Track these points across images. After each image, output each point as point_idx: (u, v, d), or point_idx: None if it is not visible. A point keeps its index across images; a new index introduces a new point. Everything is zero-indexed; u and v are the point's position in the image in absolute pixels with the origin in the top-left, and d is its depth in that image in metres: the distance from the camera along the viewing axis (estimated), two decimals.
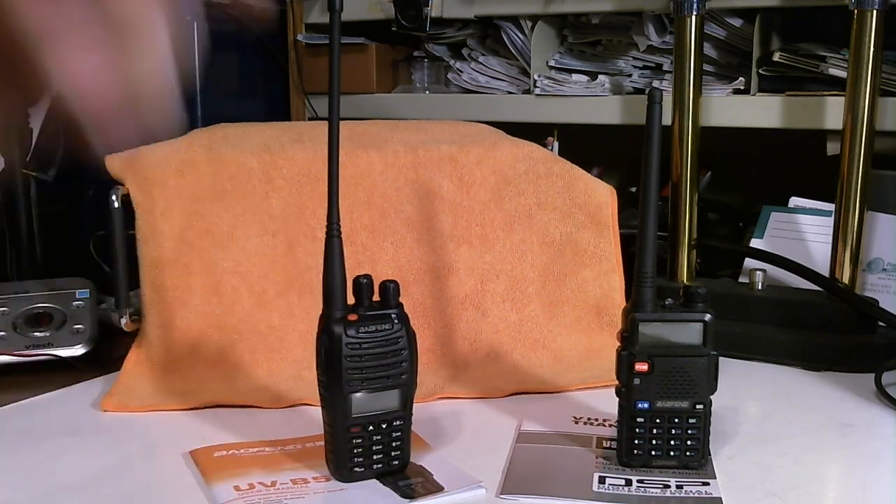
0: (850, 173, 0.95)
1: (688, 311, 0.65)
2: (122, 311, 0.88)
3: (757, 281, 0.99)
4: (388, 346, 0.63)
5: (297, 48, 1.42)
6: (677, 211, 1.03)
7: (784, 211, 1.12)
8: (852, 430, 0.76)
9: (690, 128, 1.01)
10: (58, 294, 0.95)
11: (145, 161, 0.88)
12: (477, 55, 1.35)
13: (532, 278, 0.93)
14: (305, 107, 1.43)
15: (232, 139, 0.92)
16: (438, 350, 0.89)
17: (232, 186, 0.89)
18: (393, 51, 1.42)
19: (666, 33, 1.20)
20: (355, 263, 0.76)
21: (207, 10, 1.32)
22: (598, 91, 1.24)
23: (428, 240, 0.91)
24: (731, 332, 0.93)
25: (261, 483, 0.64)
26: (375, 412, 0.63)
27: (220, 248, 0.88)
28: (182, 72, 0.38)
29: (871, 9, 0.91)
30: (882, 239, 1.04)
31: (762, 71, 1.13)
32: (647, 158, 0.65)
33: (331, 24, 0.62)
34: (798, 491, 0.64)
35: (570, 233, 0.94)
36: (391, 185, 0.91)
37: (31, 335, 0.91)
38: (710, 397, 0.66)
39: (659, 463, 0.67)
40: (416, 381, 0.65)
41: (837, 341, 0.92)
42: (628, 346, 0.65)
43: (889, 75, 1.04)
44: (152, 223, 0.87)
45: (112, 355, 0.91)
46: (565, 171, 0.95)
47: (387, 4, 1.32)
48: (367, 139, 0.94)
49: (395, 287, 0.64)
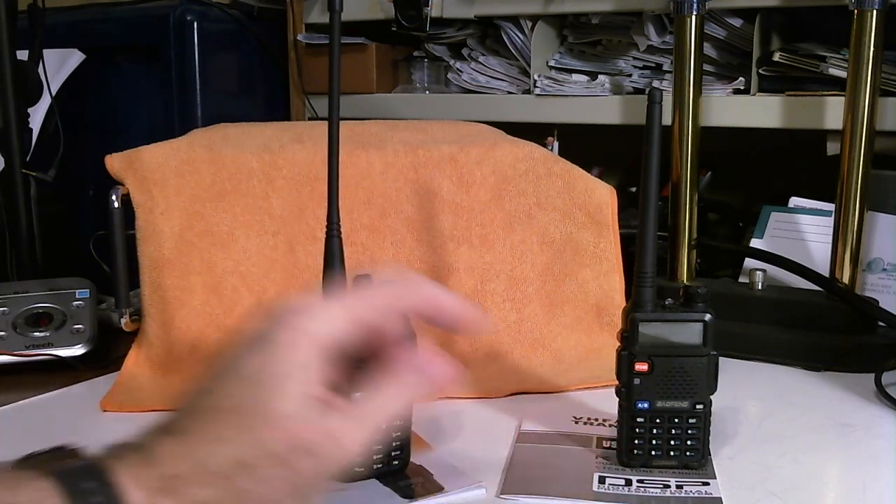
0: (850, 173, 0.95)
1: (688, 311, 0.65)
2: (122, 311, 0.88)
3: (757, 281, 0.99)
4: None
5: (297, 48, 1.42)
6: (677, 211, 1.03)
7: (784, 211, 1.12)
8: (852, 430, 0.76)
9: (690, 128, 1.01)
10: (58, 294, 0.95)
11: (145, 161, 0.88)
12: (477, 55, 1.35)
13: (532, 278, 0.93)
14: (305, 107, 1.43)
15: (232, 139, 0.92)
16: (438, 350, 0.89)
17: (232, 186, 0.89)
18: (393, 51, 1.42)
19: (666, 33, 1.20)
20: (355, 263, 0.76)
21: (207, 9, 1.32)
22: (598, 91, 1.24)
23: (428, 240, 0.91)
24: (731, 332, 0.93)
25: None
26: None
27: (220, 248, 0.88)
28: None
29: (871, 9, 0.91)
30: (882, 239, 1.04)
31: (762, 71, 1.13)
32: (647, 158, 0.65)
33: (331, 24, 0.62)
34: (798, 491, 0.64)
35: (570, 233, 0.94)
36: (391, 185, 0.91)
37: (31, 335, 0.91)
38: (710, 397, 0.66)
39: (659, 463, 0.67)
40: None
41: (837, 341, 0.92)
42: (628, 346, 0.65)
43: (889, 75, 1.04)
44: (152, 223, 0.87)
45: (112, 355, 0.92)
46: (565, 171, 0.95)
47: (387, 4, 1.32)
48: (367, 139, 0.94)
49: None
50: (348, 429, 0.44)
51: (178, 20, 1.29)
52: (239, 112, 1.35)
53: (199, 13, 1.30)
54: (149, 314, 0.87)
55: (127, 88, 1.38)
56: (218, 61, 1.34)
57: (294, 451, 0.42)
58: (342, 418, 0.44)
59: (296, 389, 0.42)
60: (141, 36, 1.35)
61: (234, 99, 1.40)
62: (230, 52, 1.38)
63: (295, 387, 0.42)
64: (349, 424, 0.44)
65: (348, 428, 0.44)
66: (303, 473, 0.42)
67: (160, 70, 1.31)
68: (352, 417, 0.44)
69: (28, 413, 0.81)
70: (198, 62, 1.30)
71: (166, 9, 1.30)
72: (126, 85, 1.38)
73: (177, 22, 1.29)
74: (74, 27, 1.38)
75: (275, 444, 0.41)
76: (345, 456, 0.43)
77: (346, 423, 0.44)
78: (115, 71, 1.38)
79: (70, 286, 0.96)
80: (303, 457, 0.42)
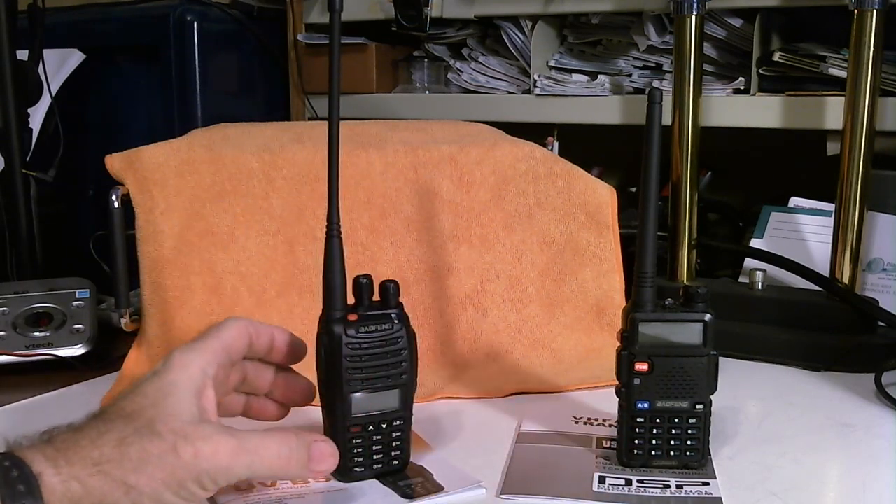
0: (850, 173, 0.95)
1: (688, 311, 0.65)
2: (122, 311, 0.88)
3: (757, 281, 0.99)
4: (388, 346, 0.63)
5: (297, 48, 1.42)
6: (677, 211, 1.03)
7: (784, 211, 1.12)
8: (852, 430, 0.76)
9: (690, 128, 1.01)
10: (58, 294, 0.95)
11: (145, 161, 0.88)
12: (477, 55, 1.35)
13: (532, 278, 0.93)
14: (305, 107, 1.43)
15: (232, 139, 0.92)
16: (438, 350, 0.89)
17: (232, 186, 0.89)
18: (393, 51, 1.42)
19: (666, 33, 1.20)
20: (355, 263, 0.76)
21: (207, 9, 1.32)
22: (598, 91, 1.24)
23: (428, 240, 0.91)
24: (731, 332, 0.93)
25: (261, 483, 0.64)
26: (375, 412, 0.63)
27: (220, 248, 0.88)
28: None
29: (871, 9, 0.91)
30: (882, 239, 1.04)
31: (762, 71, 1.13)
32: (647, 158, 0.65)
33: (331, 24, 0.62)
34: (798, 491, 0.64)
35: (570, 233, 0.94)
36: (391, 185, 0.91)
37: (31, 335, 0.91)
38: (710, 397, 0.66)
39: (659, 463, 0.67)
40: (416, 381, 0.65)
41: (837, 341, 0.92)
42: (628, 346, 0.65)
43: (889, 75, 1.04)
44: (152, 223, 0.87)
45: (112, 355, 0.92)
46: (565, 170, 0.95)
47: (387, 4, 1.32)
48: (367, 139, 0.94)
49: (395, 287, 0.64)
50: (221, 438, 0.53)
51: (178, 20, 1.29)
52: (239, 112, 1.35)
53: (199, 13, 1.30)
54: (149, 314, 0.87)
55: (127, 88, 1.38)
56: (218, 61, 1.34)
57: (173, 435, 0.51)
58: (218, 428, 0.54)
59: (181, 400, 0.54)
60: (141, 36, 1.35)
61: (234, 99, 1.40)
62: (230, 52, 1.38)
63: (180, 398, 0.54)
64: (223, 435, 0.53)
65: (222, 438, 0.53)
66: (182, 459, 0.51)
67: (160, 70, 1.31)
68: (226, 430, 0.54)
69: (28, 413, 0.81)
70: (198, 62, 1.30)
71: (166, 9, 1.30)
72: (126, 85, 1.38)
73: (177, 22, 1.29)
74: (74, 27, 1.38)
75: (156, 427, 0.52)
76: (217, 460, 0.52)
77: (220, 434, 0.53)
78: (115, 71, 1.38)
79: (70, 286, 0.96)
80: (182, 444, 0.51)
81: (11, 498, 0.47)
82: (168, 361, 0.56)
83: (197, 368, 0.56)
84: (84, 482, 0.49)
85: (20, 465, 0.49)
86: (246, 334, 0.61)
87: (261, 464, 0.54)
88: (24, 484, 0.48)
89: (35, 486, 0.48)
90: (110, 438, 0.51)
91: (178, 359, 0.56)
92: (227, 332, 0.60)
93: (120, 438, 0.51)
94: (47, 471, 0.49)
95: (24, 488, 0.48)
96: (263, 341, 0.63)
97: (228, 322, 0.61)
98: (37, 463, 0.49)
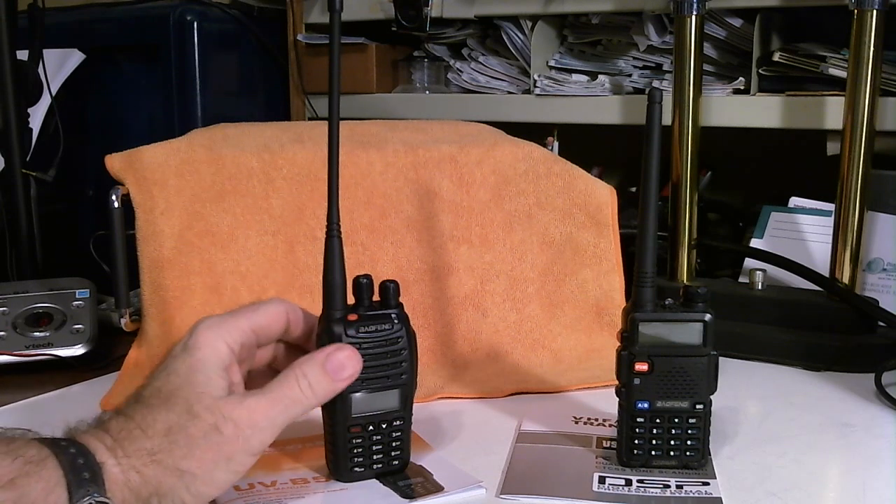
0: (850, 173, 0.95)
1: (688, 311, 0.65)
2: (122, 311, 0.88)
3: (757, 281, 0.99)
4: (388, 346, 0.63)
5: (297, 48, 1.42)
6: (677, 211, 1.03)
7: (784, 211, 1.12)
8: (852, 430, 0.76)
9: (690, 128, 1.01)
10: (58, 294, 0.95)
11: (145, 161, 0.88)
12: (477, 55, 1.35)
13: (532, 278, 0.93)
14: (305, 107, 1.43)
15: (232, 139, 0.92)
16: (438, 350, 0.89)
17: (232, 186, 0.89)
18: (393, 51, 1.42)
19: (666, 33, 1.20)
20: (355, 263, 0.76)
21: (207, 9, 1.32)
22: (598, 91, 1.24)
23: (428, 240, 0.91)
24: (731, 332, 0.93)
25: (261, 483, 0.64)
26: (375, 412, 0.63)
27: (220, 248, 0.88)
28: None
29: (871, 9, 0.91)
30: (882, 239, 1.04)
31: (762, 71, 1.13)
32: (647, 158, 0.65)
33: (331, 24, 0.62)
34: (798, 491, 0.64)
35: (570, 233, 0.94)
36: (391, 185, 0.91)
37: (31, 335, 0.91)
38: (710, 397, 0.66)
39: (659, 463, 0.67)
40: (416, 381, 0.65)
41: (837, 341, 0.92)
42: (628, 345, 0.65)
43: (889, 75, 1.04)
44: (152, 223, 0.87)
45: (112, 355, 0.92)
46: (565, 171, 0.95)
47: (387, 4, 1.32)
48: (367, 139, 0.94)
49: (395, 287, 0.64)
50: (250, 401, 0.56)
51: (178, 20, 1.29)
52: (239, 112, 1.35)
53: (199, 13, 1.30)
54: (149, 314, 0.87)
55: (127, 88, 1.38)
56: (218, 61, 1.34)
57: (210, 414, 0.55)
58: (245, 395, 0.57)
59: (210, 377, 0.57)
60: (141, 36, 1.35)
61: (234, 99, 1.40)
62: (230, 52, 1.38)
63: (209, 375, 0.57)
64: (251, 398, 0.57)
65: (250, 401, 0.56)
66: (225, 435, 0.54)
67: (160, 70, 1.31)
68: (250, 393, 0.57)
69: (28, 413, 0.81)
70: (198, 62, 1.30)
71: (166, 9, 1.30)
72: (126, 85, 1.38)
73: (177, 22, 1.29)
74: (74, 27, 1.38)
75: (194, 409, 0.55)
76: (255, 421, 0.56)
77: (248, 397, 0.57)
78: (116, 71, 1.38)
79: (70, 286, 0.96)
80: (221, 420, 0.55)
81: (78, 484, 0.50)
82: (195, 336, 0.59)
83: (223, 345, 0.59)
84: (141, 472, 0.53)
85: (85, 453, 0.52)
86: (283, 319, 0.63)
87: (293, 404, 0.58)
88: (89, 471, 0.51)
89: (99, 475, 0.51)
90: (160, 429, 0.54)
91: (205, 335, 0.59)
92: (261, 315, 0.62)
93: (167, 428, 0.54)
94: (109, 461, 0.53)
95: (88, 475, 0.51)
96: (301, 327, 0.64)
97: (268, 303, 0.63)
98: (99, 453, 0.53)
